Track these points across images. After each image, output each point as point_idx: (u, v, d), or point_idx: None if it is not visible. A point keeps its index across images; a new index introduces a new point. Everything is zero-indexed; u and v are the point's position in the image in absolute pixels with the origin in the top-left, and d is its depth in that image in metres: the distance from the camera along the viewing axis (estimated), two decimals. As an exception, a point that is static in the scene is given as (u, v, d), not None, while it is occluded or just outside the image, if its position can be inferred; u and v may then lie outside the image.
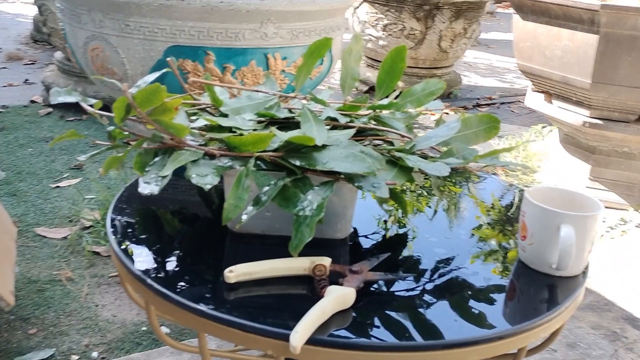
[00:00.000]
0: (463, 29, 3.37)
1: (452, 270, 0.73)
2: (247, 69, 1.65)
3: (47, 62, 3.78)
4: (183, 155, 0.69)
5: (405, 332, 0.60)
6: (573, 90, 2.17)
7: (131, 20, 1.56)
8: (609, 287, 1.71)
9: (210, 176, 0.67)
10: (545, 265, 0.73)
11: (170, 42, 1.57)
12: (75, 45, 1.75)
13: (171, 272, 0.69)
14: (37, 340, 1.32)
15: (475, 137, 0.77)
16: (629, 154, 2.22)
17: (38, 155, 2.33)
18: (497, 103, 3.62)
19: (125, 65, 1.64)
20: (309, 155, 0.68)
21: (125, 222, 0.81)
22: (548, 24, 2.19)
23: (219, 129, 0.74)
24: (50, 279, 1.55)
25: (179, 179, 0.92)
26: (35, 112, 2.82)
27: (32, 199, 1.97)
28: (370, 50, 3.54)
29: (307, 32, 1.71)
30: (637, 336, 1.49)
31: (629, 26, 1.93)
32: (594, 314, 1.57)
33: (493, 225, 0.88)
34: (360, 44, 0.83)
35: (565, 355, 1.39)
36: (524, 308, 0.66)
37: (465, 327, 0.62)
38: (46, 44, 4.17)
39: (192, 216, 0.84)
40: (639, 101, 2.05)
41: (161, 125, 0.68)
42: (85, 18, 1.64)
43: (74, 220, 1.85)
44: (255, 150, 0.70)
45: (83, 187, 2.07)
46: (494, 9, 7.33)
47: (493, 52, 5.21)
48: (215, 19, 1.55)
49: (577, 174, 2.31)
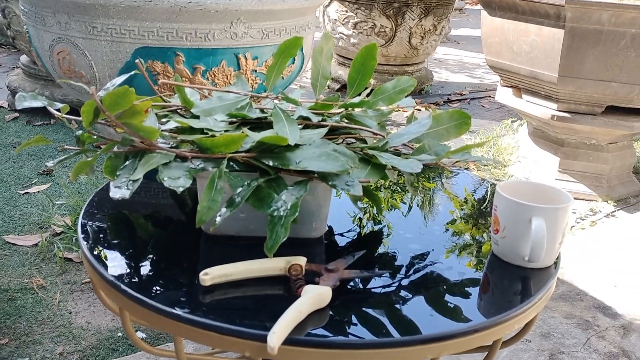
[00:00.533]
0: (433, 25, 3.40)
1: (427, 266, 0.73)
2: (218, 70, 1.63)
3: (12, 65, 3.70)
4: (154, 158, 0.68)
5: (383, 329, 0.60)
6: (541, 85, 2.21)
7: (98, 22, 1.54)
8: (580, 277, 1.74)
9: (183, 179, 0.66)
10: (517, 258, 0.74)
11: (138, 43, 1.55)
12: (41, 48, 1.72)
13: (145, 276, 0.68)
14: (9, 350, 1.30)
15: (446, 133, 0.77)
16: (596, 145, 2.27)
17: (5, 161, 2.28)
18: (468, 98, 3.67)
19: (93, 67, 1.61)
20: (282, 155, 0.68)
21: (96, 227, 0.79)
22: (515, 20, 2.22)
23: (190, 130, 0.73)
24: (22, 287, 1.52)
25: (150, 182, 0.91)
26: (2, 117, 2.75)
27: (0, 206, 1.93)
28: (341, 48, 3.55)
29: (277, 31, 1.71)
30: (608, 324, 1.53)
31: (593, 20, 1.98)
32: (566, 304, 1.61)
33: (466, 219, 0.89)
34: (330, 42, 0.83)
35: (540, 345, 1.42)
36: (498, 301, 0.67)
37: (441, 321, 0.62)
38: (11, 47, 4.08)
39: (165, 219, 0.83)
40: (604, 94, 2.10)
41: (131, 128, 0.67)
42: (50, 20, 1.61)
43: (45, 226, 1.81)
44: (228, 152, 0.69)
45: (53, 192, 2.03)
46: (462, 6, 7.42)
47: (462, 48, 5.27)
48: (184, 20, 1.53)
49: (547, 166, 2.35)
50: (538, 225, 0.70)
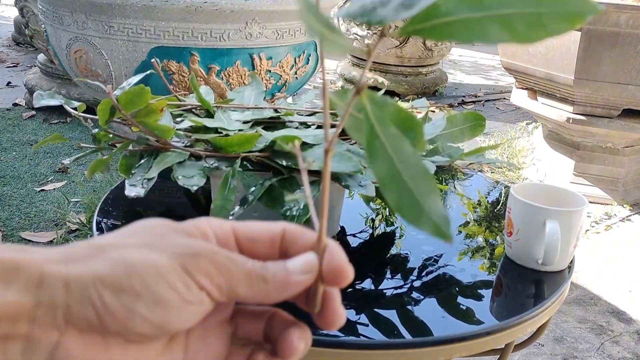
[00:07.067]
0: (447, 27, 3.39)
1: (439, 267, 0.73)
2: (233, 69, 1.64)
3: (30, 64, 3.75)
4: (169, 157, 0.69)
5: (394, 330, 0.60)
6: (557, 87, 2.19)
7: (114, 22, 1.55)
8: (595, 282, 1.73)
9: (197, 177, 0.66)
10: (531, 261, 0.73)
11: (154, 43, 1.57)
12: (58, 47, 1.74)
13: (158, 274, 0.69)
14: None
15: (461, 134, 0.77)
16: (612, 149, 2.24)
17: (22, 159, 2.31)
18: (482, 100, 3.65)
19: (109, 66, 1.63)
20: (295, 154, 0.68)
21: (111, 224, 0.80)
22: (531, 22, 2.20)
23: (204, 129, 0.74)
24: (36, 283, 1.53)
25: (165, 181, 0.91)
26: (19, 115, 2.79)
27: (17, 203, 1.95)
28: (355, 49, 3.54)
29: (292, 31, 1.71)
30: (622, 329, 1.51)
31: (610, 23, 1.96)
32: (580, 308, 1.59)
33: (479, 222, 0.88)
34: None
35: (553, 350, 1.41)
36: (511, 303, 0.67)
37: (454, 323, 0.62)
38: (28, 46, 4.13)
39: (178, 218, 0.84)
40: (621, 97, 2.07)
41: (146, 127, 0.68)
42: (67, 20, 1.62)
43: (60, 223, 1.83)
44: (242, 151, 0.70)
45: (68, 190, 2.06)
46: (477, 7, 7.38)
47: (478, 49, 5.24)
48: (199, 20, 1.54)
49: (562, 169, 2.33)
50: (552, 228, 0.69)
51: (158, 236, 0.27)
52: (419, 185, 0.25)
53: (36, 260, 0.24)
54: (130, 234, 0.27)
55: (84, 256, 0.25)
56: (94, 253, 0.25)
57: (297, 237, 0.29)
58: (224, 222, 0.29)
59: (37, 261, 0.24)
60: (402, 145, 0.25)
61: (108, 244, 0.26)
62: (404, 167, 0.25)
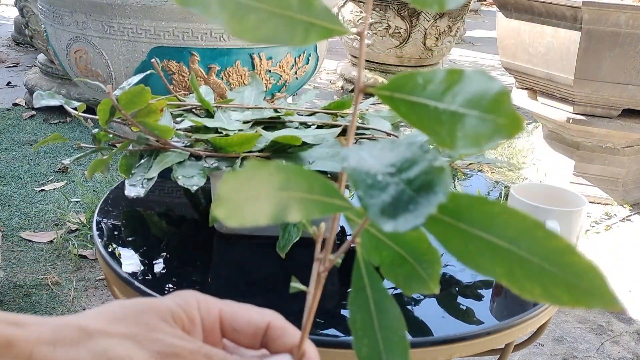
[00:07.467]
0: (447, 27, 3.39)
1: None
2: (233, 69, 1.64)
3: (30, 64, 3.75)
4: (169, 157, 0.69)
5: (394, 330, 0.60)
6: (557, 87, 2.19)
7: (114, 22, 1.55)
8: (595, 281, 1.72)
9: (197, 177, 0.66)
10: (531, 261, 0.73)
11: (154, 43, 1.57)
12: (58, 47, 1.74)
13: (158, 274, 0.69)
14: (23, 345, 1.31)
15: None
16: (612, 149, 2.24)
17: (22, 159, 2.31)
18: (482, 100, 3.64)
19: (109, 66, 1.63)
20: (295, 155, 0.69)
21: (111, 224, 0.80)
22: (531, 21, 2.21)
23: (204, 129, 0.74)
24: (37, 283, 1.54)
25: (165, 181, 0.91)
26: (19, 115, 2.79)
27: (17, 203, 1.95)
28: (356, 49, 3.55)
29: (292, 31, 1.71)
30: (622, 329, 1.51)
31: (610, 23, 1.96)
32: (580, 308, 1.59)
33: (479, 221, 0.88)
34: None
35: (553, 350, 1.41)
36: (510, 303, 0.67)
37: (453, 323, 0.62)
38: (28, 46, 4.12)
39: (179, 218, 0.84)
40: (621, 97, 2.07)
41: (146, 127, 0.68)
42: (67, 20, 1.62)
43: (60, 223, 1.83)
44: (242, 151, 0.70)
45: (68, 190, 2.06)
46: (478, 7, 7.38)
47: (478, 49, 5.24)
48: (199, 20, 1.54)
49: (562, 169, 2.33)
50: (552, 228, 0.69)
51: (144, 327, 0.28)
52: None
53: (28, 340, 0.27)
54: (119, 319, 0.28)
55: (72, 341, 0.27)
56: (81, 339, 0.27)
57: (279, 336, 0.30)
58: (212, 305, 0.30)
59: (28, 342, 0.27)
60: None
61: (96, 330, 0.28)
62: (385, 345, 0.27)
